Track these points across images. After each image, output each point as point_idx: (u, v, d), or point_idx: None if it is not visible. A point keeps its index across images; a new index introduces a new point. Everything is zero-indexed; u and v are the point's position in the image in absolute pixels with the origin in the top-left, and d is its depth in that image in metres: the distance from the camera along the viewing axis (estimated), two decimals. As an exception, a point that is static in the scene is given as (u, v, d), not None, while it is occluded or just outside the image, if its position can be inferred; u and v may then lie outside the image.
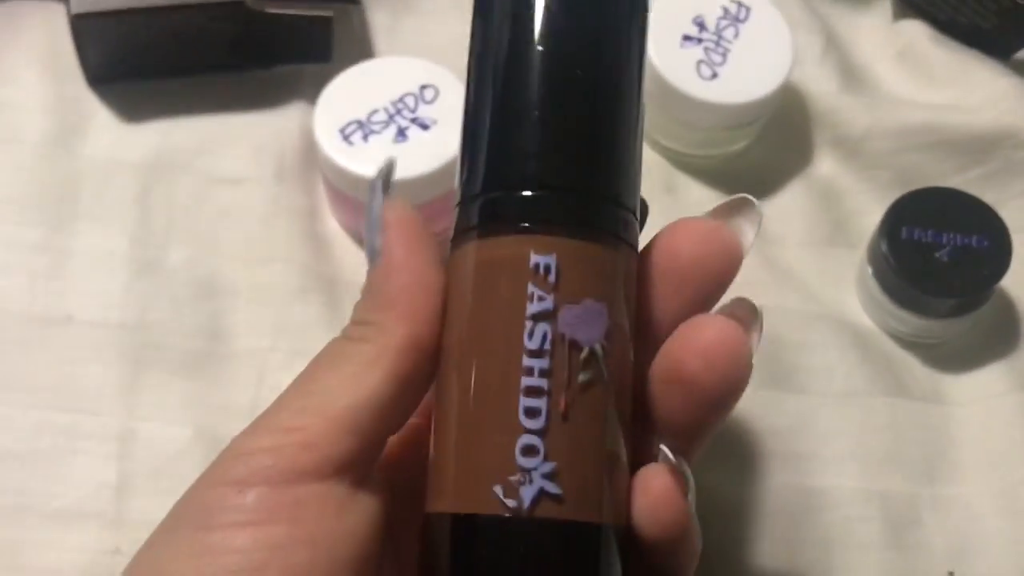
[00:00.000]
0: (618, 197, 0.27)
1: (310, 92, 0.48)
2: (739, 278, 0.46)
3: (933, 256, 0.45)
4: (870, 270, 0.46)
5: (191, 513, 0.25)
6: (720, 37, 0.48)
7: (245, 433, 0.26)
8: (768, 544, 0.42)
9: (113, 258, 0.45)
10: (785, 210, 0.49)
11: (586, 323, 0.26)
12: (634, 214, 0.28)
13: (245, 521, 0.25)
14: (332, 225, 0.48)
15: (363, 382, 0.26)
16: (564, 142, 0.27)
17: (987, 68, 0.52)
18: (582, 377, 0.26)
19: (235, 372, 0.43)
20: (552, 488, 0.25)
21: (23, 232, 0.45)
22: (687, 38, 0.48)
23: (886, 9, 0.54)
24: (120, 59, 0.48)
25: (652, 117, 0.49)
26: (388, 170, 0.29)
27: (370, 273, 0.28)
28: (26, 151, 0.46)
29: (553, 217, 0.26)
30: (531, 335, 0.26)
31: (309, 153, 0.48)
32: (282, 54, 0.50)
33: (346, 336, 0.28)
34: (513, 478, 0.25)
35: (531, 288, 0.26)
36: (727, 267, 0.29)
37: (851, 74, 0.52)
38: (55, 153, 0.47)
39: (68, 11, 0.46)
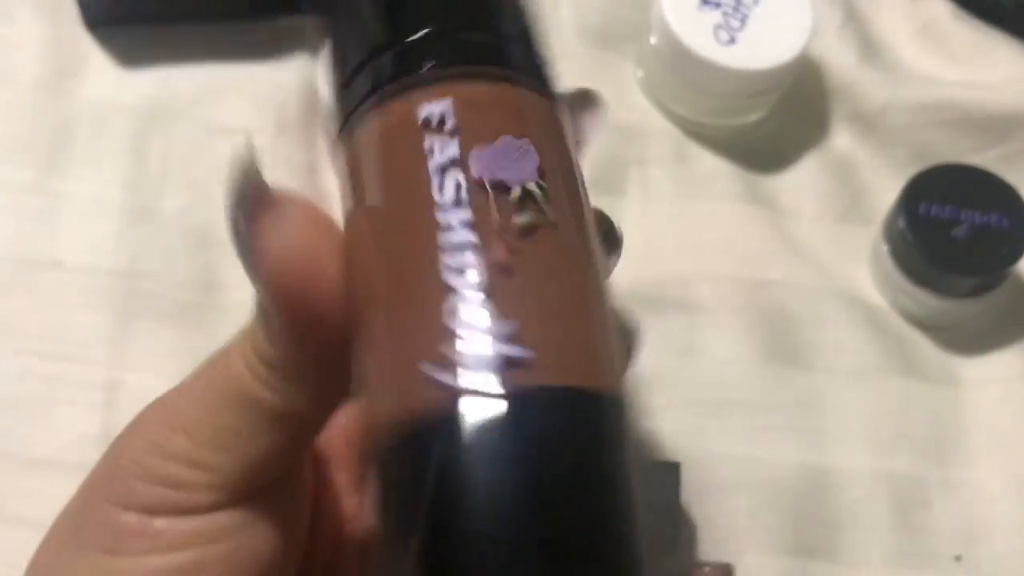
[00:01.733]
0: (516, 33, 0.24)
1: (313, 45, 0.47)
2: (751, 249, 0.46)
3: (950, 233, 0.43)
4: (886, 248, 0.45)
5: (96, 535, 0.24)
6: (739, 2, 0.47)
7: (144, 445, 0.24)
8: (773, 521, 0.40)
9: (106, 204, 0.43)
10: (799, 184, 0.48)
11: (508, 161, 0.22)
12: (538, 52, 0.24)
13: (156, 547, 0.24)
14: (332, 181, 0.46)
15: (275, 435, 0.24)
16: None
17: (1009, 47, 0.51)
18: (520, 219, 0.21)
19: (227, 325, 0.41)
20: (516, 352, 0.20)
21: (14, 173, 0.43)
22: (706, 2, 0.46)
23: (908, -16, 0.53)
24: (119, 2, 0.47)
25: (667, 83, 0.48)
26: (249, 167, 0.24)
27: (264, 322, 0.23)
28: (20, 91, 0.45)
29: (442, 62, 0.22)
30: (441, 189, 0.21)
31: (311, 107, 0.47)
32: (285, 5, 0.48)
33: (250, 368, 0.24)
34: (451, 350, 0.20)
35: (428, 141, 0.22)
36: None
37: (870, 48, 0.51)
38: (50, 95, 0.45)
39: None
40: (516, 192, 0.21)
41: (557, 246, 0.21)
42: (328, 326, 0.22)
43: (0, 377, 0.40)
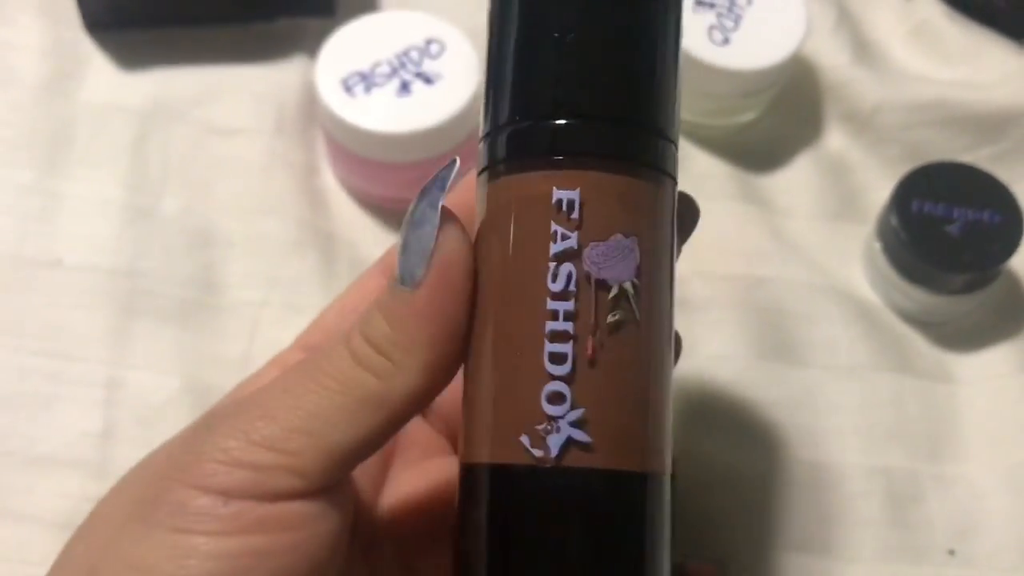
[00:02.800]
0: (652, 123, 0.26)
1: (312, 46, 0.48)
2: (746, 248, 0.46)
3: (943, 230, 0.44)
4: (879, 245, 0.45)
5: (168, 513, 0.24)
6: (733, 3, 0.47)
7: (227, 432, 0.25)
8: (767, 515, 0.41)
9: (106, 204, 0.44)
10: (793, 183, 0.49)
11: (614, 260, 0.25)
12: (673, 143, 0.26)
13: (228, 530, 0.24)
14: (330, 180, 0.47)
15: (362, 420, 0.25)
16: (590, 66, 0.25)
17: (1001, 47, 0.51)
18: (611, 319, 0.25)
19: (226, 324, 0.42)
20: (580, 436, 0.24)
21: (15, 173, 0.44)
22: (700, 3, 0.47)
23: (900, -15, 0.54)
24: (119, 5, 0.47)
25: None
26: (449, 175, 0.26)
27: (398, 293, 0.25)
28: (21, 93, 0.45)
29: (579, 148, 0.25)
30: (555, 277, 0.24)
31: (309, 108, 0.47)
32: (284, 6, 0.49)
33: (355, 356, 0.26)
34: (540, 427, 0.24)
35: (554, 227, 0.25)
36: None
37: (864, 48, 0.51)
38: (51, 96, 0.46)
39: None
40: (614, 291, 0.25)
41: (637, 343, 0.25)
42: (456, 318, 0.25)
43: (1, 375, 0.40)
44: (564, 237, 0.25)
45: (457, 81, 0.44)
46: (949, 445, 0.43)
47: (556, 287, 0.24)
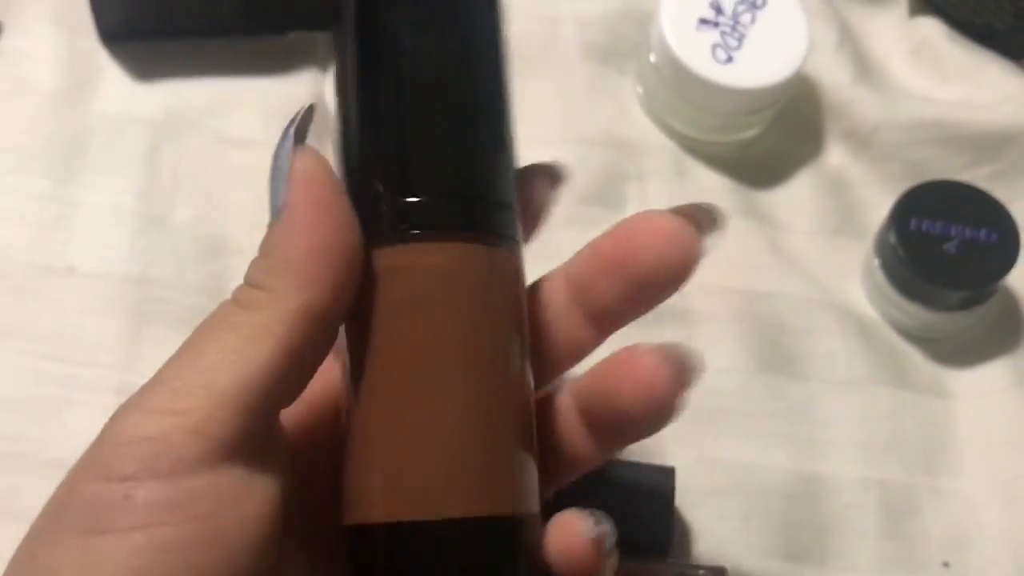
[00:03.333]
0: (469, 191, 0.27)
1: (323, 60, 0.48)
2: (747, 262, 0.47)
3: (941, 248, 0.44)
4: (877, 261, 0.46)
5: (77, 514, 0.23)
6: (737, 22, 0.48)
7: (126, 412, 0.24)
8: (765, 526, 0.41)
9: (119, 212, 0.44)
10: (794, 198, 0.49)
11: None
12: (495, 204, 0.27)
13: (138, 524, 0.23)
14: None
15: (250, 356, 0.24)
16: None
17: (1001, 68, 0.52)
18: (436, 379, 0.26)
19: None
20: (438, 482, 0.25)
21: (30, 182, 0.44)
22: (704, 21, 0.48)
23: (902, 6, 0.54)
24: (134, 17, 0.48)
25: (665, 100, 0.49)
26: (305, 116, 0.27)
27: (270, 229, 0.25)
28: (37, 102, 0.46)
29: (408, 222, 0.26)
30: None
31: (319, 120, 0.48)
32: (295, 21, 0.50)
33: (235, 300, 0.25)
34: (416, 483, 0.25)
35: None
36: (685, 273, 0.28)
37: (865, 67, 0.52)
38: (65, 106, 0.46)
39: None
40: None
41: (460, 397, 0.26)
42: (326, 229, 0.25)
43: (15, 379, 0.41)
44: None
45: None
46: (945, 459, 0.44)
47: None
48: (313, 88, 0.48)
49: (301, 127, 0.26)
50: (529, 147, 0.48)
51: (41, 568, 0.23)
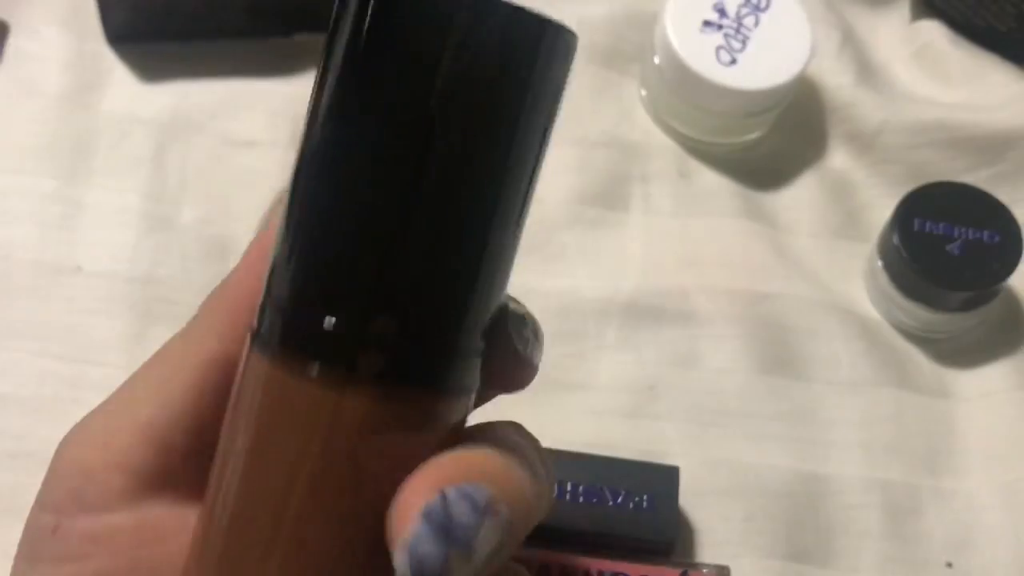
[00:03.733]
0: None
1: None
2: (750, 264, 0.47)
3: (944, 249, 0.45)
4: (880, 263, 0.46)
5: (23, 541, 0.24)
6: (740, 24, 0.48)
7: (70, 438, 0.25)
8: (768, 526, 0.42)
9: (125, 213, 0.45)
10: (797, 201, 0.50)
11: None
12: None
13: (66, 555, 0.23)
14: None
15: (166, 389, 0.24)
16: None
17: (1003, 70, 0.52)
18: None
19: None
20: None
21: (37, 182, 0.45)
22: (707, 23, 0.48)
23: (904, 9, 0.55)
24: (141, 19, 0.48)
25: (669, 102, 0.49)
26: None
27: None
28: (44, 103, 0.47)
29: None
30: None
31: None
32: (301, 23, 0.50)
33: (184, 328, 0.26)
34: None
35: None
36: None
37: (868, 70, 0.52)
38: (72, 107, 0.47)
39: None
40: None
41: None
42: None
43: (22, 378, 0.41)
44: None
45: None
46: (948, 460, 0.44)
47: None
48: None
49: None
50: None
51: None
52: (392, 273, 0.22)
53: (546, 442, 0.26)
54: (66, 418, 0.41)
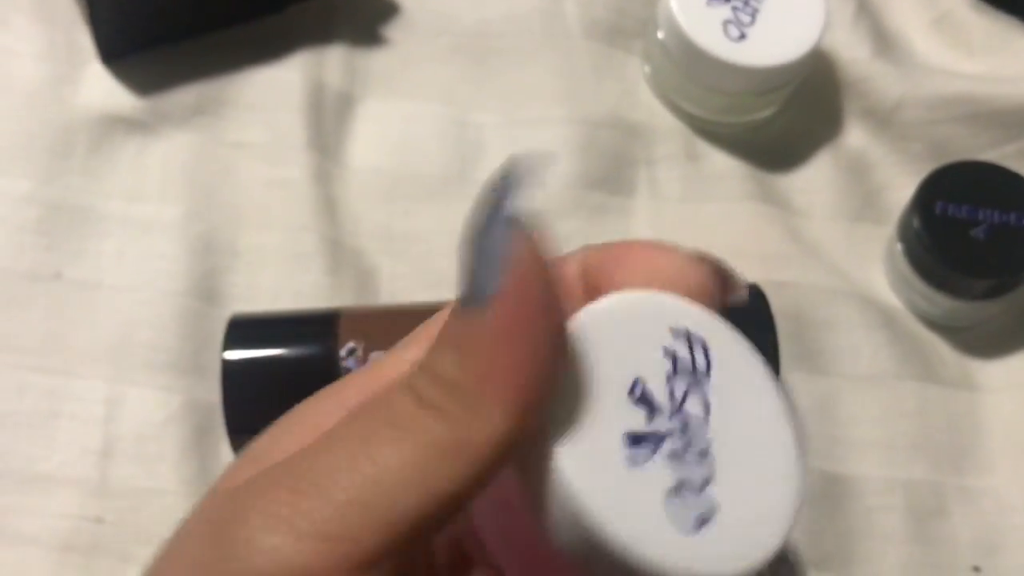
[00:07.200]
0: None
1: (313, 35, 0.47)
2: (763, 250, 0.45)
3: (968, 233, 0.42)
4: (900, 247, 0.44)
5: None
6: (749, -3, 0.46)
7: (255, 515, 0.20)
8: (785, 531, 0.40)
9: (106, 215, 0.43)
10: (812, 182, 0.47)
11: None
12: None
13: None
14: (334, 189, 0.46)
15: (433, 478, 0.19)
16: None
17: (1029, 38, 0.49)
18: None
19: (229, 336, 0.41)
20: None
21: (11, 184, 0.43)
22: (714, -3, 0.45)
23: (923, -26, 0.52)
24: (133, 32, 0.46)
25: (675, 80, 0.47)
26: (524, 173, 0.21)
27: (468, 315, 0.20)
28: (16, 100, 0.44)
29: None
30: None
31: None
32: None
33: (419, 398, 0.20)
34: None
35: None
36: None
37: (884, 41, 0.50)
38: (47, 102, 0.44)
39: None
40: None
41: None
42: (545, 337, 0.20)
43: (-1, 392, 0.39)
44: None
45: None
46: (974, 457, 0.42)
47: None
48: (306, 71, 0.46)
49: (518, 186, 0.20)
50: (531, 129, 0.47)
51: None
52: None
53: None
54: (47, 432, 0.39)
